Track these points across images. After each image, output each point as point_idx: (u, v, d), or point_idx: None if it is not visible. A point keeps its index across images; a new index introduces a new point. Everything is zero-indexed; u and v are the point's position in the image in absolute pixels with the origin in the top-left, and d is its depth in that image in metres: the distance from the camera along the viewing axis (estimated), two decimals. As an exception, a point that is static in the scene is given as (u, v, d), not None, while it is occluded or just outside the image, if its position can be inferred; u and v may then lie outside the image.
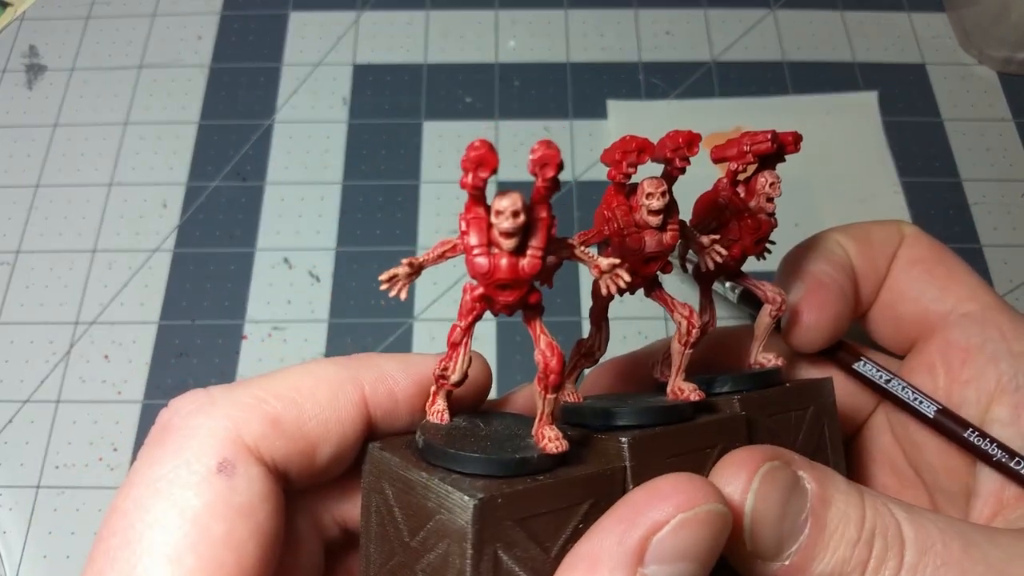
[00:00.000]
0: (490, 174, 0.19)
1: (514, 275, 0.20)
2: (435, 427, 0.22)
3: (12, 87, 0.51)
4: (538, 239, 0.21)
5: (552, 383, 0.21)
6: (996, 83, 0.50)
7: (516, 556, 0.20)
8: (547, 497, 0.20)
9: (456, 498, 0.19)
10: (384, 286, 0.21)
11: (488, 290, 0.21)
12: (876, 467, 0.30)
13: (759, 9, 0.53)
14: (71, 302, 0.44)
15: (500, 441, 0.22)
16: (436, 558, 0.20)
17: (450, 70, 0.51)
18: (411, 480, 0.21)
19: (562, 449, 0.21)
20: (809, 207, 0.46)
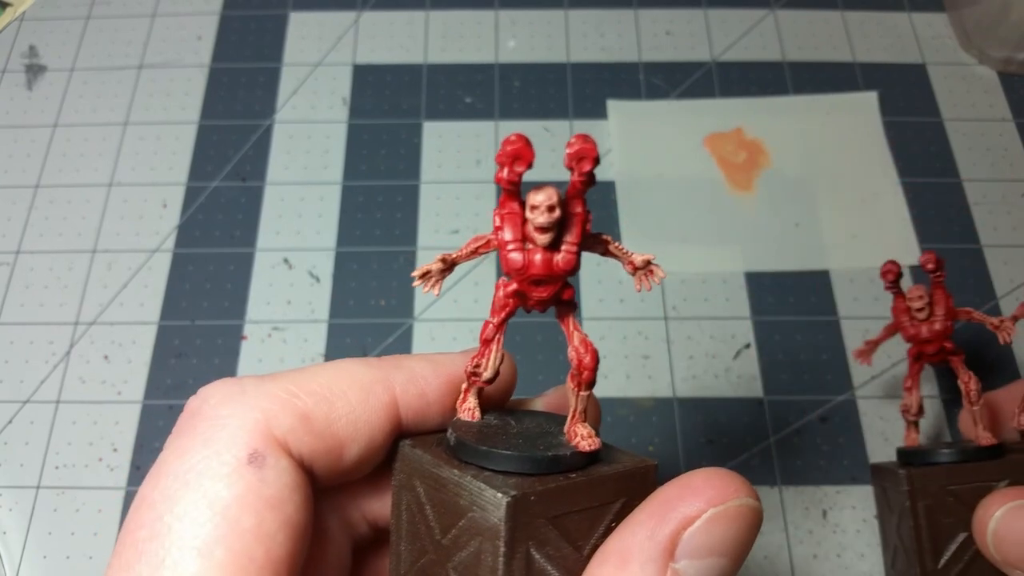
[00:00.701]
0: (526, 168, 0.20)
1: (549, 271, 0.20)
2: (466, 424, 0.22)
3: (12, 87, 0.51)
4: (573, 234, 0.21)
5: (586, 379, 0.21)
6: (996, 83, 0.50)
7: (548, 554, 0.20)
8: (580, 495, 0.20)
9: (489, 495, 0.19)
10: (417, 283, 0.21)
11: (522, 286, 0.21)
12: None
13: (759, 9, 0.53)
14: (71, 302, 0.44)
15: (532, 439, 0.22)
16: (468, 556, 0.20)
17: (450, 70, 0.51)
18: (443, 478, 0.20)
19: (596, 447, 0.21)
20: (809, 207, 0.46)
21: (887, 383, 0.41)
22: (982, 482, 0.31)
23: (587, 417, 0.22)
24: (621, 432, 0.40)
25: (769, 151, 0.48)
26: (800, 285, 0.44)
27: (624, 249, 0.22)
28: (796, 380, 0.42)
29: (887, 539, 0.35)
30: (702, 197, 0.46)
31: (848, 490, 0.39)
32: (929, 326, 0.33)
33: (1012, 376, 0.42)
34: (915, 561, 0.31)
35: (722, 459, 0.40)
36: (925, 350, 0.33)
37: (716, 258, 0.45)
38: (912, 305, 0.33)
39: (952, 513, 0.31)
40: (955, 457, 0.31)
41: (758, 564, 0.38)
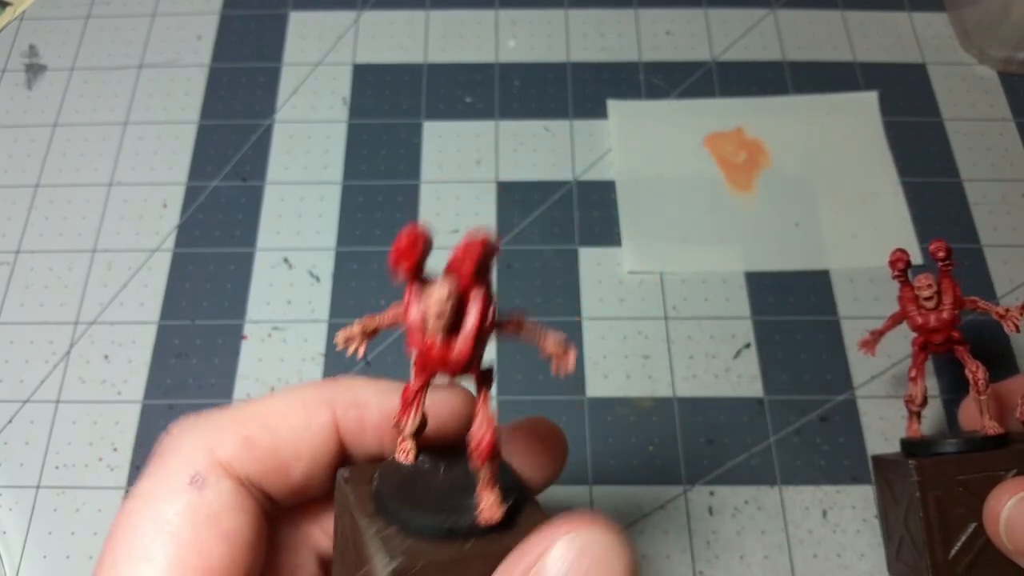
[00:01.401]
0: (411, 268, 0.20)
1: (444, 359, 0.21)
2: (394, 468, 0.23)
3: (12, 87, 0.51)
4: (469, 327, 0.21)
5: (483, 455, 0.21)
6: (996, 83, 0.50)
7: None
8: (471, 566, 0.21)
9: (379, 558, 0.20)
10: (340, 346, 0.22)
11: (436, 370, 0.21)
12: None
13: (759, 9, 0.53)
14: (71, 302, 0.44)
15: (448, 494, 0.22)
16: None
17: (450, 70, 0.51)
18: (357, 524, 0.21)
19: (494, 520, 0.21)
20: (809, 207, 0.46)
21: (887, 383, 0.41)
22: (991, 472, 0.31)
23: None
24: (621, 432, 0.40)
25: (769, 151, 0.48)
26: (800, 285, 0.44)
27: (539, 330, 0.22)
28: (796, 380, 0.42)
29: (891, 531, 0.35)
30: (702, 197, 0.46)
31: (848, 490, 0.39)
32: (937, 315, 0.33)
33: (1009, 367, 0.42)
34: (925, 552, 0.31)
35: (722, 459, 0.40)
36: (932, 339, 0.33)
37: (716, 258, 0.45)
38: (920, 294, 0.33)
39: (962, 503, 0.31)
40: (963, 447, 0.32)
41: (758, 564, 0.38)
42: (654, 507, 0.39)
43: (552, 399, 0.41)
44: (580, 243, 0.45)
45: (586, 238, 0.45)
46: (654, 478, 0.39)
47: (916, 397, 0.34)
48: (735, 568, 0.38)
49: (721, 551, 0.38)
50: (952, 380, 0.41)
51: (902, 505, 0.33)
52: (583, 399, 0.41)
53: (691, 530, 0.38)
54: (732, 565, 0.38)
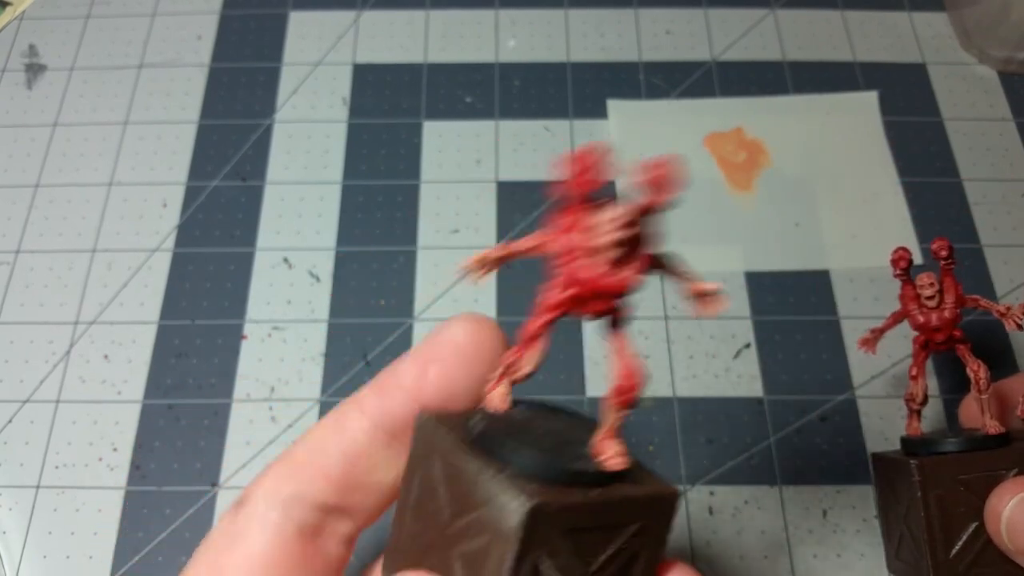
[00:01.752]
0: (591, 189, 0.19)
1: (609, 288, 0.20)
2: (494, 414, 0.22)
3: (11, 86, 0.51)
4: (638, 254, 0.20)
5: (625, 401, 0.21)
6: (997, 83, 0.50)
7: (557, 565, 0.19)
8: (599, 513, 0.20)
9: (508, 499, 0.19)
10: (469, 270, 0.21)
11: (580, 296, 0.20)
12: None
13: (759, 9, 0.53)
14: (71, 302, 0.44)
15: (559, 443, 0.21)
16: (476, 549, 0.20)
17: (450, 70, 0.51)
18: (462, 467, 0.20)
19: (623, 467, 0.21)
20: (809, 207, 0.46)
21: (887, 382, 0.41)
22: (992, 471, 0.31)
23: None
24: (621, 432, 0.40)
25: (769, 151, 0.48)
26: (800, 285, 0.44)
27: (687, 273, 0.21)
28: (796, 380, 0.42)
29: (891, 529, 0.35)
30: (702, 197, 0.46)
31: (848, 490, 0.39)
32: (939, 314, 0.33)
33: (1009, 366, 0.42)
34: (925, 552, 0.31)
35: (722, 459, 0.40)
36: (934, 338, 0.33)
37: (716, 258, 0.45)
38: (923, 292, 0.33)
39: (963, 502, 0.31)
40: (964, 446, 0.31)
41: (758, 563, 0.38)
42: (654, 507, 0.39)
43: (552, 399, 0.41)
44: (580, 243, 0.45)
45: (586, 238, 0.45)
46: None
47: (917, 395, 0.34)
48: (735, 568, 0.38)
49: (721, 551, 0.38)
50: (953, 379, 0.41)
51: (902, 504, 0.33)
52: (583, 399, 0.41)
53: (691, 530, 0.38)
54: (732, 565, 0.38)
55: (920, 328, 0.33)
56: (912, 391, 0.34)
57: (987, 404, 0.32)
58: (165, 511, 0.39)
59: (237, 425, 0.41)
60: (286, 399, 0.41)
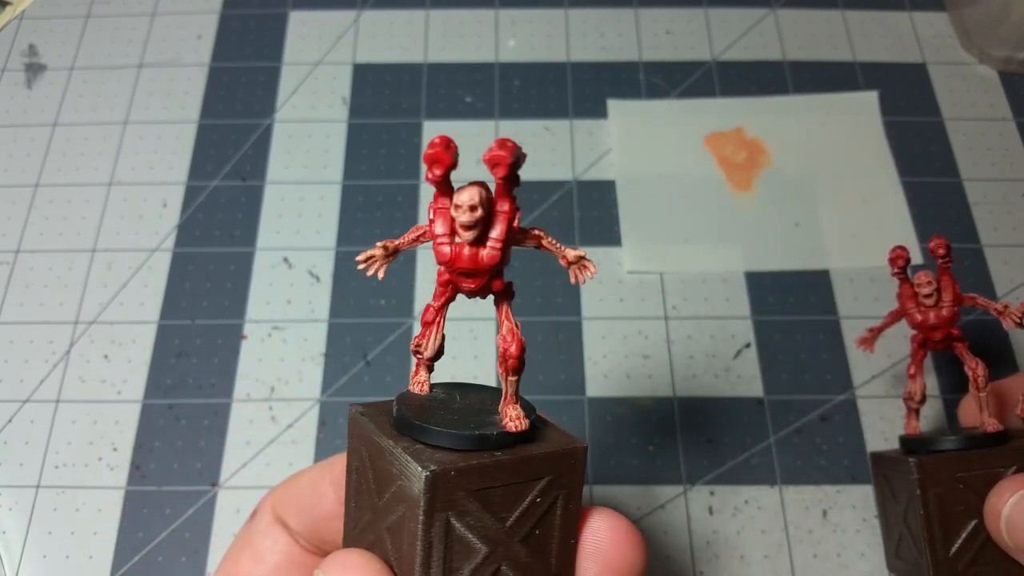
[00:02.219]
0: (444, 172, 0.21)
1: (474, 265, 0.22)
2: (412, 398, 0.24)
3: (11, 86, 0.51)
4: (499, 231, 0.22)
5: (511, 366, 0.23)
6: (997, 82, 0.50)
7: (468, 524, 0.22)
8: (503, 472, 0.22)
9: (413, 468, 0.21)
10: (361, 266, 0.23)
11: (452, 277, 0.23)
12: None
13: (759, 8, 0.53)
14: (71, 302, 0.44)
15: (469, 416, 0.23)
16: (396, 520, 0.22)
17: (450, 70, 0.51)
18: (381, 446, 0.22)
19: (521, 429, 0.23)
20: (809, 207, 0.46)
21: (887, 382, 0.41)
22: (990, 469, 0.31)
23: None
24: (621, 432, 0.40)
25: (769, 151, 0.48)
26: (800, 285, 0.44)
27: (557, 244, 0.24)
28: (796, 380, 0.42)
29: (890, 528, 0.35)
30: (702, 197, 0.46)
31: (848, 490, 0.39)
32: (936, 312, 0.33)
33: (1009, 365, 0.42)
34: (925, 550, 0.31)
35: (722, 459, 0.40)
36: (932, 337, 0.33)
37: (716, 258, 0.45)
38: (920, 291, 0.33)
39: (962, 500, 0.31)
40: (963, 444, 0.32)
41: (758, 563, 0.38)
42: (654, 507, 0.39)
43: (552, 399, 0.41)
44: (580, 243, 0.45)
45: (586, 238, 0.45)
46: (654, 478, 0.39)
47: (915, 394, 0.34)
48: (735, 568, 0.38)
49: (721, 551, 0.38)
50: (952, 378, 0.41)
51: (902, 502, 0.33)
52: (583, 399, 0.41)
53: (691, 530, 0.38)
54: (732, 565, 0.38)
55: (918, 326, 0.33)
56: (910, 390, 0.34)
57: (985, 402, 0.32)
58: (165, 511, 0.39)
59: (237, 425, 0.41)
60: (286, 399, 0.41)
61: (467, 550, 0.22)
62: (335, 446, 0.40)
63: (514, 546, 0.22)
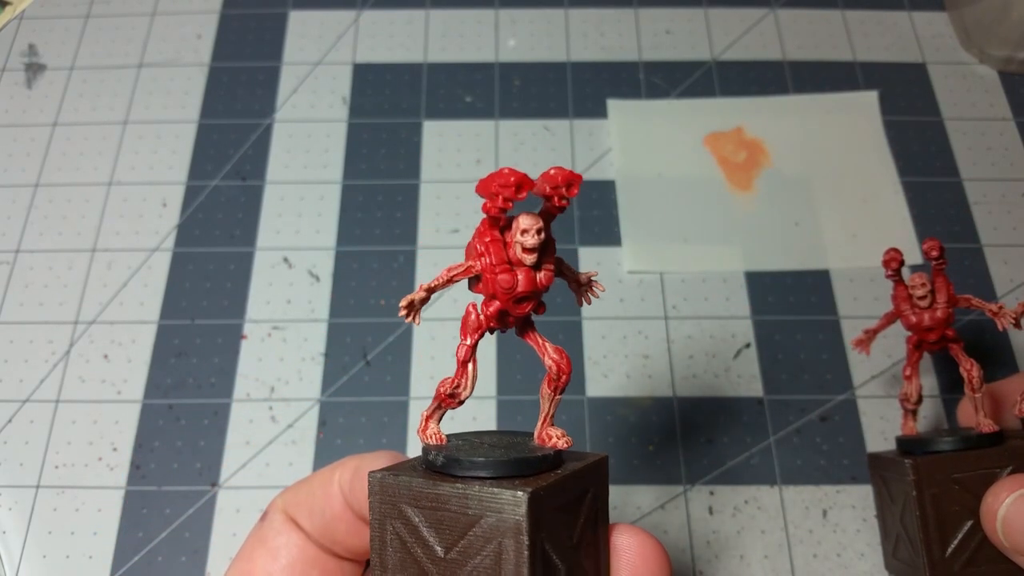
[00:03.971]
0: (524, 198, 0.22)
1: (533, 288, 0.23)
2: (440, 447, 0.24)
3: (11, 86, 0.51)
4: (549, 254, 0.23)
5: (563, 384, 0.24)
6: (997, 82, 0.50)
7: (553, 544, 0.22)
8: (567, 489, 0.22)
9: (507, 496, 0.21)
10: (403, 312, 0.23)
11: (506, 305, 0.23)
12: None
13: (759, 8, 0.53)
14: (70, 302, 0.44)
15: (507, 448, 0.23)
16: (484, 559, 0.21)
17: (450, 69, 0.51)
18: (443, 495, 0.22)
19: (570, 445, 0.24)
20: (809, 207, 0.46)
21: (887, 382, 0.41)
22: (986, 469, 0.31)
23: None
24: (621, 432, 0.40)
25: (769, 150, 0.48)
26: (800, 285, 0.44)
27: (573, 269, 0.25)
28: (796, 380, 0.42)
29: (887, 528, 0.35)
30: (702, 197, 0.46)
31: (848, 490, 0.39)
32: (931, 313, 0.33)
33: (1009, 367, 0.42)
34: (921, 550, 0.31)
35: (722, 459, 0.40)
36: (926, 338, 0.33)
37: (716, 258, 0.45)
38: (915, 293, 0.33)
39: (958, 501, 0.31)
40: (958, 445, 0.32)
41: (758, 563, 0.38)
42: (654, 507, 0.39)
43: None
44: (580, 243, 0.45)
45: (586, 238, 0.45)
46: (654, 478, 0.39)
47: (911, 395, 0.34)
48: (735, 568, 0.38)
49: (721, 551, 0.38)
50: (950, 379, 0.41)
51: (898, 503, 0.33)
52: (583, 399, 0.41)
53: (691, 530, 0.38)
54: (732, 565, 0.38)
55: (913, 328, 0.34)
56: (906, 391, 0.35)
57: (981, 403, 0.32)
58: (165, 511, 0.39)
59: (237, 425, 0.41)
60: (286, 399, 0.41)
61: (553, 570, 0.22)
62: (335, 446, 0.40)
63: (581, 560, 0.23)
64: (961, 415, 0.36)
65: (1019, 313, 0.32)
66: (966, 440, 0.32)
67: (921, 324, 0.33)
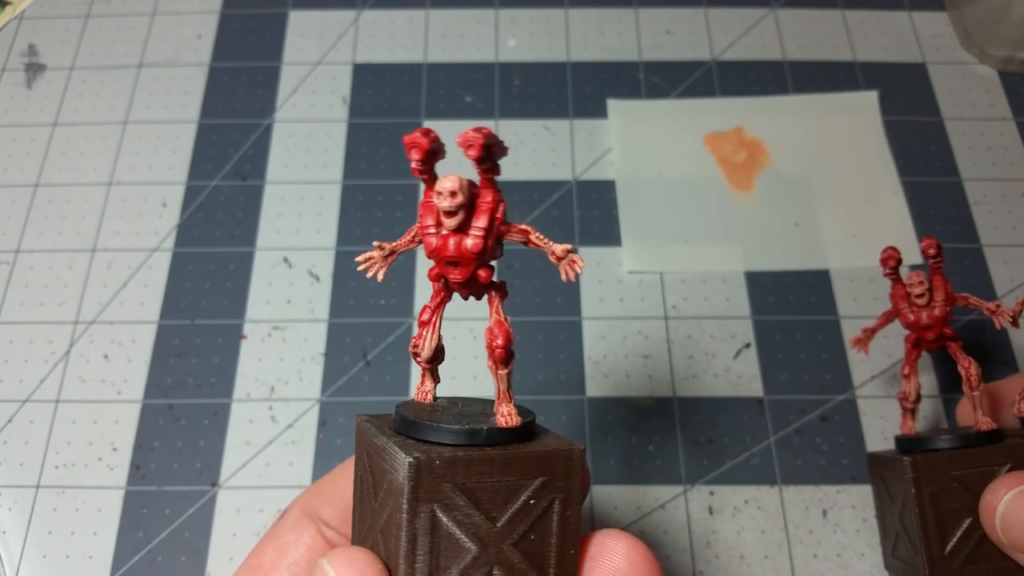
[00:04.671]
0: (422, 156, 0.22)
1: (459, 253, 0.23)
2: (415, 404, 0.25)
3: (11, 86, 0.51)
4: (482, 220, 0.23)
5: (499, 357, 0.23)
6: (997, 82, 0.50)
7: (456, 519, 0.21)
8: (493, 467, 0.22)
9: (400, 457, 0.21)
10: (361, 267, 0.23)
11: (440, 268, 0.23)
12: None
13: (759, 8, 0.53)
14: (70, 301, 0.44)
15: (466, 418, 0.23)
16: (387, 516, 0.22)
17: (450, 69, 0.51)
18: (377, 445, 0.23)
19: (512, 424, 0.23)
20: (809, 207, 0.46)
21: (887, 382, 0.41)
22: (985, 467, 0.31)
23: None
24: (621, 432, 0.40)
25: (769, 150, 0.48)
26: (800, 285, 0.44)
27: (546, 240, 0.24)
28: (796, 380, 0.42)
29: (887, 528, 0.35)
30: (702, 197, 0.46)
31: (848, 490, 0.39)
32: (929, 312, 0.33)
33: (1008, 366, 0.42)
34: (921, 548, 0.31)
35: (722, 459, 0.40)
36: (924, 336, 0.33)
37: (716, 258, 0.45)
38: (912, 291, 0.33)
39: (957, 499, 0.31)
40: (957, 443, 0.32)
41: (758, 563, 0.38)
42: (654, 507, 0.39)
43: (552, 399, 0.41)
44: (580, 243, 0.45)
45: (586, 238, 0.45)
46: (654, 478, 0.39)
47: (909, 394, 0.34)
48: (735, 568, 0.38)
49: (721, 551, 0.38)
50: (949, 378, 0.41)
51: (897, 502, 0.33)
52: (583, 399, 0.41)
53: (691, 530, 0.38)
54: (732, 565, 0.38)
55: (911, 326, 0.34)
56: (904, 390, 0.35)
57: (979, 401, 0.32)
58: (165, 511, 0.39)
59: (237, 425, 0.41)
60: (286, 399, 0.41)
61: (456, 549, 0.22)
62: (335, 446, 0.40)
63: (507, 549, 0.22)
64: (960, 415, 0.36)
65: (1017, 312, 0.33)
66: (964, 438, 0.32)
67: (919, 322, 0.33)
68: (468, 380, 0.41)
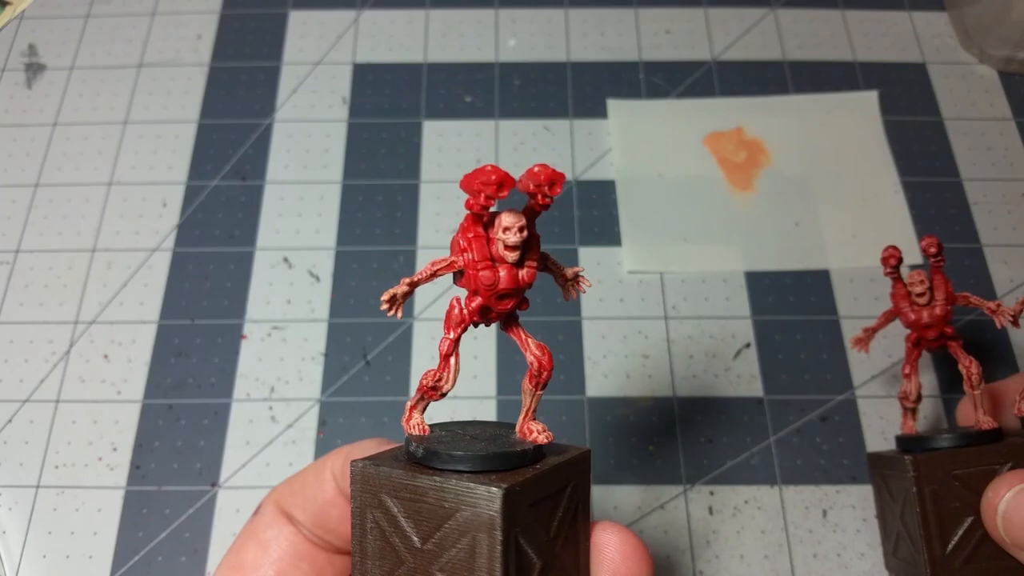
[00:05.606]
0: (507, 194, 0.22)
1: (515, 285, 0.23)
2: (424, 437, 0.24)
3: (11, 86, 0.51)
4: (532, 252, 0.23)
5: (544, 380, 0.24)
6: (997, 82, 0.50)
7: (528, 539, 0.22)
8: (547, 483, 0.23)
9: (482, 491, 0.21)
10: (384, 306, 0.23)
11: (488, 301, 0.23)
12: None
13: (759, 8, 0.53)
14: (70, 301, 0.44)
15: (489, 442, 0.24)
16: (458, 552, 0.21)
17: (450, 69, 0.51)
18: (420, 487, 0.22)
19: (551, 439, 0.24)
20: (809, 207, 0.46)
21: (887, 382, 0.41)
22: (986, 466, 0.31)
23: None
24: (621, 432, 0.40)
25: (769, 150, 0.48)
26: (800, 285, 0.44)
27: (559, 264, 0.25)
28: (796, 380, 0.42)
29: (888, 527, 0.35)
30: (702, 197, 0.46)
31: (848, 490, 0.39)
32: (930, 311, 0.33)
33: (1008, 366, 0.42)
34: (922, 547, 0.31)
35: (722, 459, 0.40)
36: (925, 335, 0.33)
37: (716, 258, 0.45)
38: (913, 290, 0.33)
39: (958, 497, 0.31)
40: (958, 442, 0.32)
41: (758, 563, 0.38)
42: (654, 507, 0.39)
43: (552, 399, 0.41)
44: (580, 243, 0.45)
45: (586, 238, 0.45)
46: (654, 478, 0.39)
47: (910, 393, 0.34)
48: (735, 568, 0.38)
49: (721, 551, 0.38)
50: (950, 378, 0.41)
51: (898, 501, 0.33)
52: (583, 399, 0.41)
53: (691, 530, 0.38)
54: (732, 565, 0.38)
55: (911, 325, 0.34)
56: (905, 389, 0.35)
57: (980, 400, 0.32)
58: (165, 511, 0.39)
59: (237, 425, 0.41)
60: (286, 399, 0.41)
61: (529, 565, 0.22)
62: (335, 446, 0.40)
63: (558, 555, 0.23)
64: (960, 415, 0.36)
65: (1017, 311, 0.32)
66: (965, 437, 0.32)
67: (920, 321, 0.33)
68: (468, 380, 0.42)
